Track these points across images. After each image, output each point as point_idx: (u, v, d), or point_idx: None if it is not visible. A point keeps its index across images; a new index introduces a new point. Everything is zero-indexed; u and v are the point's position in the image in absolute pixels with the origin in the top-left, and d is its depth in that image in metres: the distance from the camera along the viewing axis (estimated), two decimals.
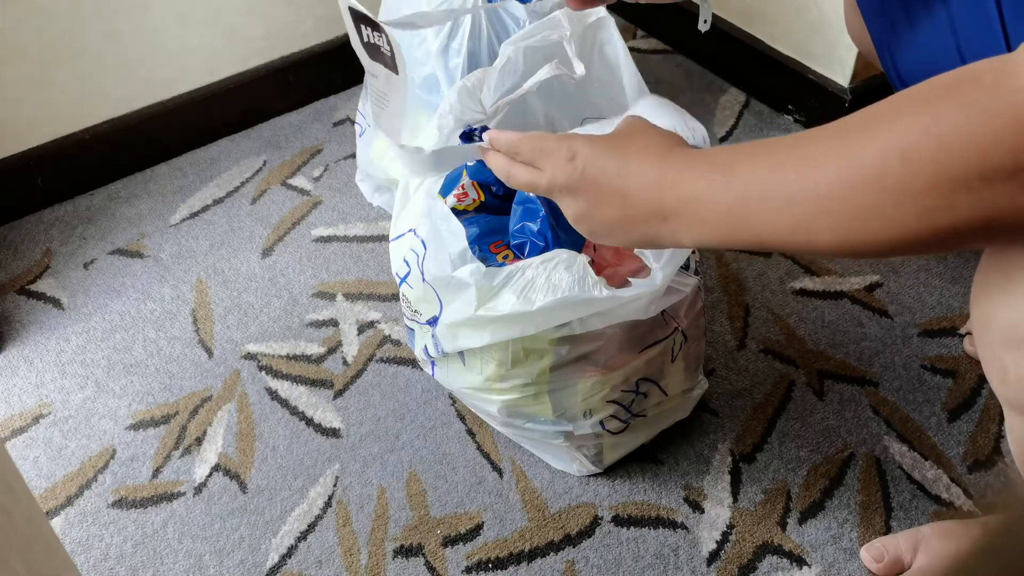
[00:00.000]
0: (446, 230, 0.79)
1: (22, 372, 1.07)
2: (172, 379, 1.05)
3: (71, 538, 0.91)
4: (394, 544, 0.89)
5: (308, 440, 0.98)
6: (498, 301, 0.76)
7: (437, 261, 0.79)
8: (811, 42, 1.28)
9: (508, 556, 0.88)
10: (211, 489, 0.94)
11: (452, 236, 0.79)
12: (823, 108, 1.29)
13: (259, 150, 1.35)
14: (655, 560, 0.87)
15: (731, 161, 0.54)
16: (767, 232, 0.52)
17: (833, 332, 1.06)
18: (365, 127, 1.20)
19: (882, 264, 1.13)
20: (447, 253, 0.79)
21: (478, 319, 0.77)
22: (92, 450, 0.98)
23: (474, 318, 0.77)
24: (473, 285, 0.76)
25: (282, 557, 0.89)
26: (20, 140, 1.23)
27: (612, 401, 0.85)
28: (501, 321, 0.77)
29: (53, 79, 1.21)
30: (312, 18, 1.38)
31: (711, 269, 1.13)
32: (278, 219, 1.24)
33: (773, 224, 0.51)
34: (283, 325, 1.10)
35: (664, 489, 0.92)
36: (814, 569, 0.86)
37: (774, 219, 0.51)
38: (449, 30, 1.03)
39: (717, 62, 1.44)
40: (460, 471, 0.95)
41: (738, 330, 1.06)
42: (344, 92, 1.44)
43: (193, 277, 1.17)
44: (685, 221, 0.55)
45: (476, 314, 0.77)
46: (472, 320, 0.78)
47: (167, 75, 1.30)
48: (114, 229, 1.24)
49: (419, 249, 0.82)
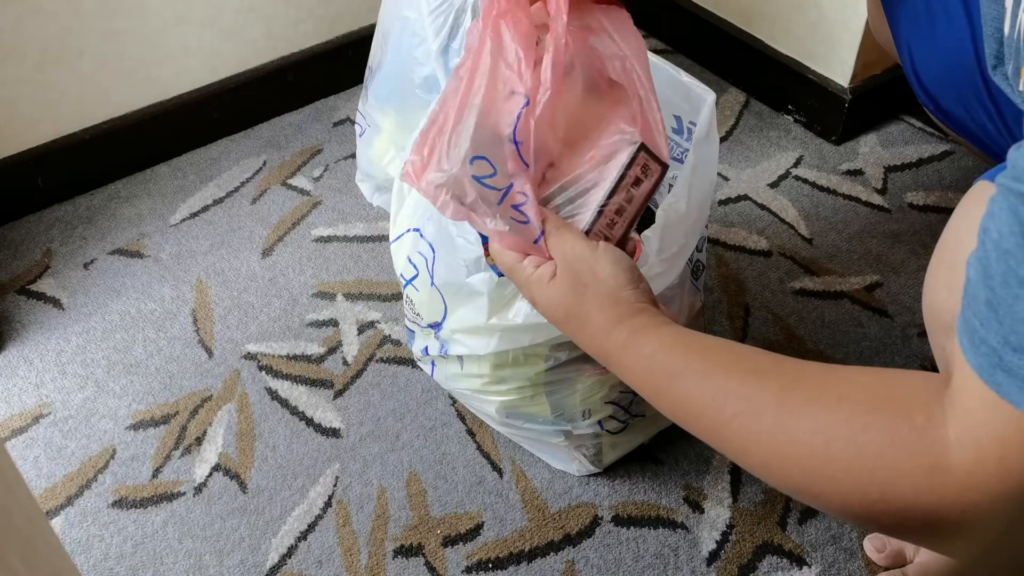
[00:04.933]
0: (458, 235, 0.78)
1: (22, 372, 1.07)
2: (172, 379, 1.05)
3: (71, 538, 0.91)
4: (394, 544, 0.89)
5: (308, 440, 0.98)
6: (510, 311, 0.76)
7: (448, 266, 0.79)
8: (811, 42, 1.28)
9: (508, 556, 0.88)
10: (211, 489, 0.94)
11: (466, 241, 0.78)
12: (823, 108, 1.29)
13: (259, 150, 1.35)
14: (655, 560, 0.87)
15: (673, 367, 0.58)
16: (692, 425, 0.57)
17: (833, 332, 1.06)
18: (365, 127, 1.20)
19: (882, 264, 1.13)
20: (461, 259, 0.78)
21: (489, 328, 0.77)
22: (92, 450, 0.98)
23: (484, 327, 0.77)
24: (486, 294, 0.76)
25: (282, 557, 0.89)
26: (20, 140, 1.24)
27: (611, 402, 0.85)
28: (511, 330, 0.77)
29: (53, 79, 1.21)
30: (312, 18, 1.38)
31: (711, 269, 1.13)
32: (278, 219, 1.24)
33: (697, 428, 0.57)
34: (283, 325, 1.10)
35: (664, 489, 0.92)
36: (814, 569, 0.86)
37: (701, 427, 0.56)
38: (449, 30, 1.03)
39: (717, 62, 1.44)
40: (460, 471, 0.95)
41: (738, 330, 1.06)
42: (344, 92, 1.44)
43: (193, 277, 1.17)
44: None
45: (488, 323, 0.77)
46: (481, 328, 0.78)
47: (167, 75, 1.30)
48: (114, 229, 1.24)
49: (427, 252, 0.82)
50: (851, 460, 0.47)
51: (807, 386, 0.51)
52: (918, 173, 1.25)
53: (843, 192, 1.23)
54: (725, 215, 1.21)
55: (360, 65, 1.21)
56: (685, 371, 0.57)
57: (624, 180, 0.67)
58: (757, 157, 1.29)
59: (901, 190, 1.23)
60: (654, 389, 0.59)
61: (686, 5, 1.43)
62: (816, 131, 1.32)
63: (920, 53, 0.81)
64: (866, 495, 0.47)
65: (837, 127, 1.29)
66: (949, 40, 0.77)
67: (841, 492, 0.48)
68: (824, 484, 0.48)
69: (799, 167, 1.27)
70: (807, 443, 0.49)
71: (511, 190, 0.67)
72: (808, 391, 0.51)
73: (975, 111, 0.77)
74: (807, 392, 0.51)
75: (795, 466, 0.50)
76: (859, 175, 1.26)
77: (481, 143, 0.66)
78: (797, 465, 0.50)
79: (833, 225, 1.19)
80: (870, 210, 1.20)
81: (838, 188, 1.24)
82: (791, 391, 0.51)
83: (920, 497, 0.45)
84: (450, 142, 0.66)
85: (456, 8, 1.03)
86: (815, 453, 0.48)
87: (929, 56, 0.80)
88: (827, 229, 1.18)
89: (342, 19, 1.41)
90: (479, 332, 0.79)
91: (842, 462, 0.47)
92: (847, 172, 1.26)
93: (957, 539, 0.46)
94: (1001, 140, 0.77)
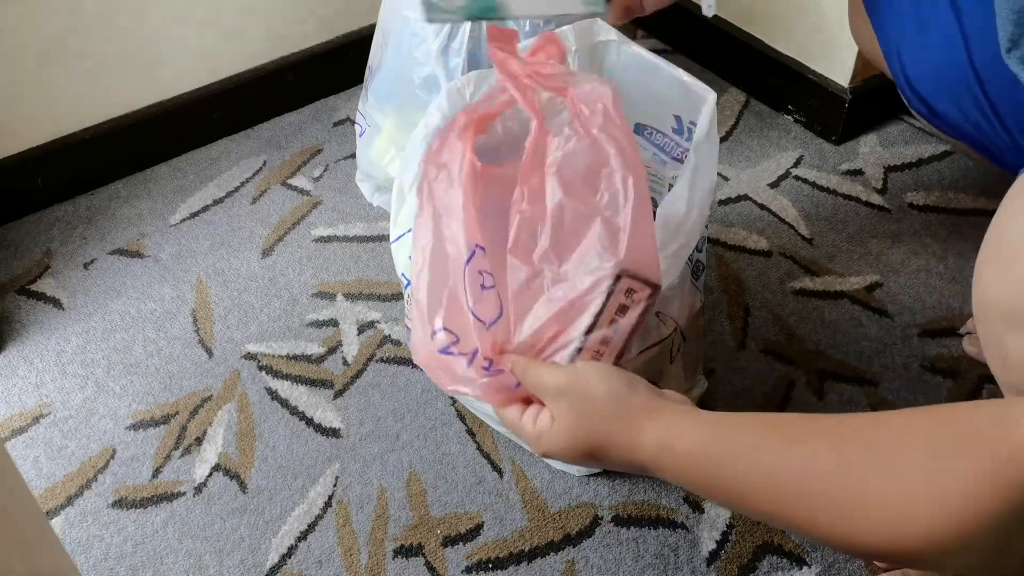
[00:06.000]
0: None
1: (22, 372, 1.07)
2: (172, 379, 1.05)
3: (71, 538, 0.91)
4: (394, 544, 0.89)
5: (308, 440, 0.98)
6: None
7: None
8: (811, 42, 1.28)
9: (508, 556, 0.88)
10: (211, 489, 0.94)
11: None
12: (823, 108, 1.29)
13: (259, 150, 1.35)
14: (655, 560, 0.87)
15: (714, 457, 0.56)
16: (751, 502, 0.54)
17: (833, 332, 1.06)
18: (365, 127, 1.20)
19: (882, 264, 1.13)
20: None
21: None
22: (92, 450, 0.98)
23: None
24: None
25: (282, 557, 0.89)
26: (20, 140, 1.23)
27: None
28: None
29: (53, 79, 1.21)
30: (312, 18, 1.38)
31: (711, 269, 1.13)
32: (278, 219, 1.24)
33: (756, 512, 0.54)
34: (283, 325, 1.10)
35: (664, 489, 0.92)
36: (814, 569, 0.86)
37: (760, 510, 0.54)
38: (449, 30, 1.03)
39: (717, 62, 1.44)
40: (460, 471, 0.95)
41: (738, 330, 1.06)
42: (344, 92, 1.44)
43: (193, 277, 1.17)
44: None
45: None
46: None
47: (167, 75, 1.30)
48: (114, 229, 1.24)
49: None
50: (930, 502, 0.45)
51: (860, 441, 0.49)
52: (918, 173, 1.25)
53: (843, 192, 1.23)
54: (725, 215, 1.21)
55: (360, 65, 1.22)
56: (728, 459, 0.54)
57: (605, 311, 0.62)
58: (757, 157, 1.29)
59: (901, 190, 1.23)
60: (703, 486, 0.56)
61: (686, 5, 1.43)
62: (816, 131, 1.32)
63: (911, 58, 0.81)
64: (951, 530, 0.45)
65: (837, 127, 1.29)
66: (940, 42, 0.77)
67: (927, 534, 0.46)
68: (906, 532, 0.46)
69: (799, 167, 1.27)
70: (880, 497, 0.47)
71: (477, 354, 0.64)
72: (862, 446, 0.49)
73: (969, 110, 0.77)
74: (862, 448, 0.49)
75: (871, 524, 0.47)
76: (859, 175, 1.26)
77: (436, 314, 0.64)
78: (874, 523, 0.47)
79: (833, 225, 1.19)
80: (870, 210, 1.20)
81: (838, 188, 1.24)
82: (845, 450, 0.49)
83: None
84: (420, 317, 0.65)
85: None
86: (890, 506, 0.46)
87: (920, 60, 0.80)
88: (827, 229, 1.18)
89: (342, 19, 1.41)
90: None
91: (922, 505, 0.45)
92: (847, 172, 1.26)
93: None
94: (997, 138, 0.77)
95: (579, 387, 0.60)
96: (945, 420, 0.48)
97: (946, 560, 0.47)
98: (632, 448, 0.58)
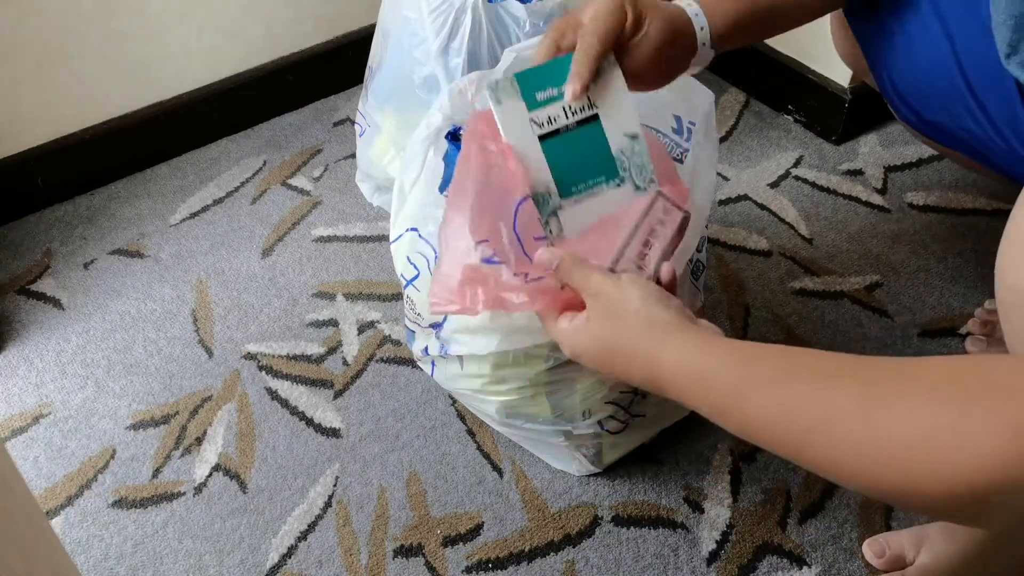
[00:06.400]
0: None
1: (22, 372, 1.07)
2: (172, 379, 1.05)
3: (71, 538, 0.91)
4: (394, 544, 0.89)
5: (308, 440, 0.98)
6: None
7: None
8: (811, 42, 1.28)
9: (508, 556, 0.88)
10: (211, 489, 0.94)
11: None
12: (823, 108, 1.29)
13: (259, 150, 1.35)
14: (655, 560, 0.87)
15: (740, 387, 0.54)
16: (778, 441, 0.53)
17: (833, 332, 1.06)
18: (365, 127, 1.20)
19: (882, 264, 1.13)
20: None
21: (489, 328, 0.77)
22: (92, 450, 0.98)
23: (485, 327, 0.77)
24: None
25: (282, 557, 0.89)
26: (20, 140, 1.24)
27: (611, 402, 0.85)
28: (511, 330, 0.76)
29: (53, 79, 1.21)
30: (312, 18, 1.38)
31: (711, 269, 1.13)
32: (278, 219, 1.24)
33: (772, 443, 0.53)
34: (283, 325, 1.10)
35: (664, 489, 0.92)
36: (814, 569, 0.86)
37: (776, 442, 0.52)
38: (449, 30, 1.03)
39: (717, 62, 1.43)
40: (460, 471, 0.95)
41: (738, 330, 1.06)
42: (344, 92, 1.44)
43: (193, 277, 1.17)
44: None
45: (489, 323, 0.77)
46: (482, 328, 0.78)
47: (167, 75, 1.30)
48: (114, 229, 1.24)
49: (427, 252, 0.82)
50: (954, 450, 0.44)
51: (888, 381, 0.48)
52: (918, 173, 1.25)
53: (843, 192, 1.23)
54: (725, 215, 1.21)
55: (360, 65, 1.22)
56: (748, 385, 0.53)
57: (644, 224, 0.66)
58: (757, 157, 1.29)
59: (901, 190, 1.23)
60: (718, 409, 0.55)
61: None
62: (816, 131, 1.32)
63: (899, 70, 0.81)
64: (973, 483, 0.43)
65: (837, 127, 1.29)
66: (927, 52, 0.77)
67: (947, 484, 0.44)
68: (926, 480, 0.45)
69: (799, 167, 1.27)
70: (903, 440, 0.45)
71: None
72: (890, 386, 0.48)
73: (960, 116, 0.77)
74: (890, 388, 0.47)
75: (892, 467, 0.46)
76: (859, 175, 1.26)
77: (479, 229, 0.66)
78: (894, 465, 0.46)
79: (833, 225, 1.19)
80: (870, 210, 1.20)
81: (838, 188, 1.24)
82: (872, 389, 0.48)
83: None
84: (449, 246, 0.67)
85: (456, 8, 1.03)
86: (913, 449, 0.45)
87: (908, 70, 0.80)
88: (827, 229, 1.18)
89: (342, 19, 1.41)
90: (480, 332, 0.79)
91: (944, 453, 0.44)
92: (847, 172, 1.26)
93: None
94: (989, 141, 0.77)
95: (617, 290, 0.61)
96: (980, 369, 0.46)
97: (969, 515, 0.46)
98: (653, 359, 0.58)
